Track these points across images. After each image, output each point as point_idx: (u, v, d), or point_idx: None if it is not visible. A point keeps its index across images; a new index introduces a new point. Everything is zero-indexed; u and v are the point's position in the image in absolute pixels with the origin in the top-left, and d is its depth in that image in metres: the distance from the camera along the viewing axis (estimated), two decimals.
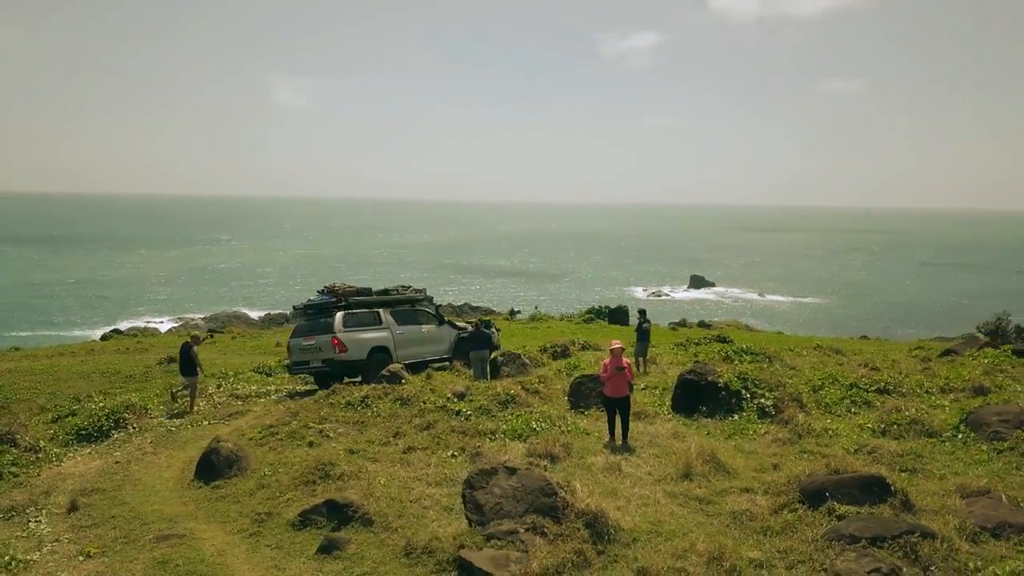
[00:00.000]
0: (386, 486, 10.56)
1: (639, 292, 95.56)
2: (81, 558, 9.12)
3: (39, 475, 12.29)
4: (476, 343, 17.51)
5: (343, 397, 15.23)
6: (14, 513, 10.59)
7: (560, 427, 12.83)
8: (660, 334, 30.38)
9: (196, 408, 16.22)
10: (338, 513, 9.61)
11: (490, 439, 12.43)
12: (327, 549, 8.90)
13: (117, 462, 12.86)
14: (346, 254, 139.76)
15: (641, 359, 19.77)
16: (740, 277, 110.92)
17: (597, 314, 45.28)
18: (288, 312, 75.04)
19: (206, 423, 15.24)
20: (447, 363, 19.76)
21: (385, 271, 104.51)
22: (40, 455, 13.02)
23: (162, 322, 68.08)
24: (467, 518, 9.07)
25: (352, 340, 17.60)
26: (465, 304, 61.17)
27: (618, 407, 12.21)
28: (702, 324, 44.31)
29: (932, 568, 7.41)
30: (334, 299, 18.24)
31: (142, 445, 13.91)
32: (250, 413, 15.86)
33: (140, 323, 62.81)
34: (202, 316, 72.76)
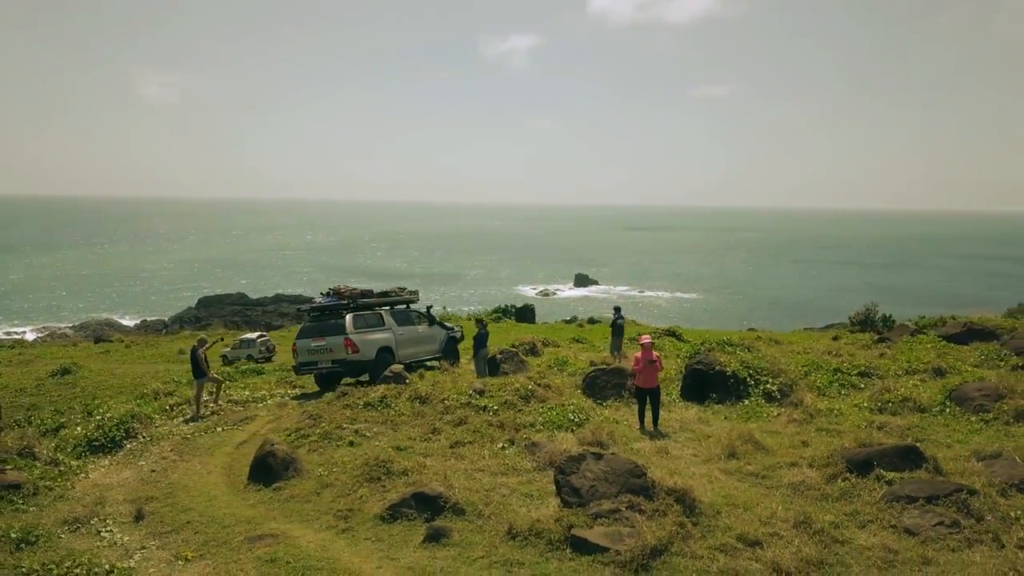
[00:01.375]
0: (453, 478, 11.02)
1: (528, 291, 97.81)
2: (181, 563, 9.07)
3: (73, 487, 11.90)
4: (477, 342, 18.18)
5: (358, 398, 15.37)
6: (78, 525, 10.29)
7: (595, 417, 13.64)
8: (604, 331, 31.69)
9: (202, 412, 15.95)
10: (428, 505, 9.99)
11: (534, 431, 13.07)
12: (434, 538, 9.27)
13: (153, 471, 12.62)
14: (223, 257, 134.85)
15: (616, 353, 20.95)
16: (623, 275, 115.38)
17: (504, 313, 47.87)
18: (167, 318, 71.87)
19: (219, 429, 15.04)
20: (436, 362, 20.20)
21: (265, 275, 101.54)
22: (62, 468, 12.59)
23: (24, 332, 63.96)
24: (564, 501, 9.70)
25: (363, 341, 17.83)
26: None
27: (649, 396, 13.20)
28: (591, 321, 46.85)
29: (987, 518, 8.75)
30: (344, 301, 18.33)
31: (163, 453, 13.65)
32: (258, 418, 15.75)
33: None
34: (70, 325, 68.61)
